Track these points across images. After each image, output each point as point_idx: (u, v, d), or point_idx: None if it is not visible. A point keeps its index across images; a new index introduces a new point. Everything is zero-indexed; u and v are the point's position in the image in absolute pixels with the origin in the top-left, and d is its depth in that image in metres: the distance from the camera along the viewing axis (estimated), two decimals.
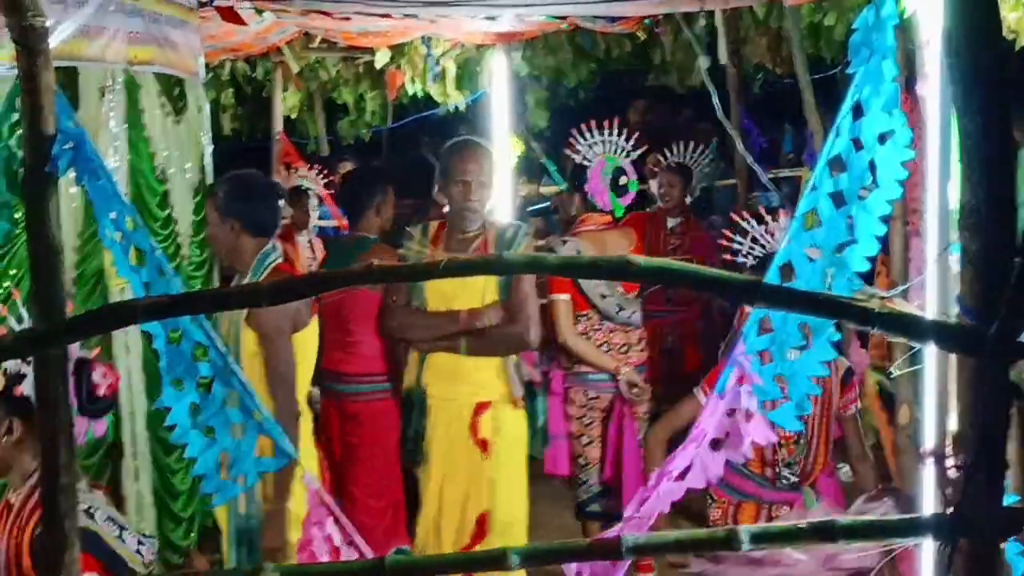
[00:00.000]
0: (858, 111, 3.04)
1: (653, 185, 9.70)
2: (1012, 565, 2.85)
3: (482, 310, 6.05)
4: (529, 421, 6.31)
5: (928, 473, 3.57)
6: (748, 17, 10.78)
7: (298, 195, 9.97)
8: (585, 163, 7.26)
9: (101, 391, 4.28)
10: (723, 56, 8.96)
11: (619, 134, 7.28)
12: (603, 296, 7.16)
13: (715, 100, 4.75)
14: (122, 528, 4.32)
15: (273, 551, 5.43)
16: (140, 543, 4.40)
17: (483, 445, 6.10)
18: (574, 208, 7.52)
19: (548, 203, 10.53)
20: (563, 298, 7.11)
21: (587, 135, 7.28)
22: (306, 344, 5.73)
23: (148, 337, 6.40)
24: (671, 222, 9.54)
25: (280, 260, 5.73)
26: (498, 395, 6.17)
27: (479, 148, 6.19)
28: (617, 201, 7.23)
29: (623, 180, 7.22)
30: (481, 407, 6.11)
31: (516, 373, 6.19)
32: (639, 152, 7.39)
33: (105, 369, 4.34)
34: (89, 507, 4.20)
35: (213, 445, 3.41)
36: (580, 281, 7.02)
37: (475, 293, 6.08)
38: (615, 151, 7.27)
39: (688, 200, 9.64)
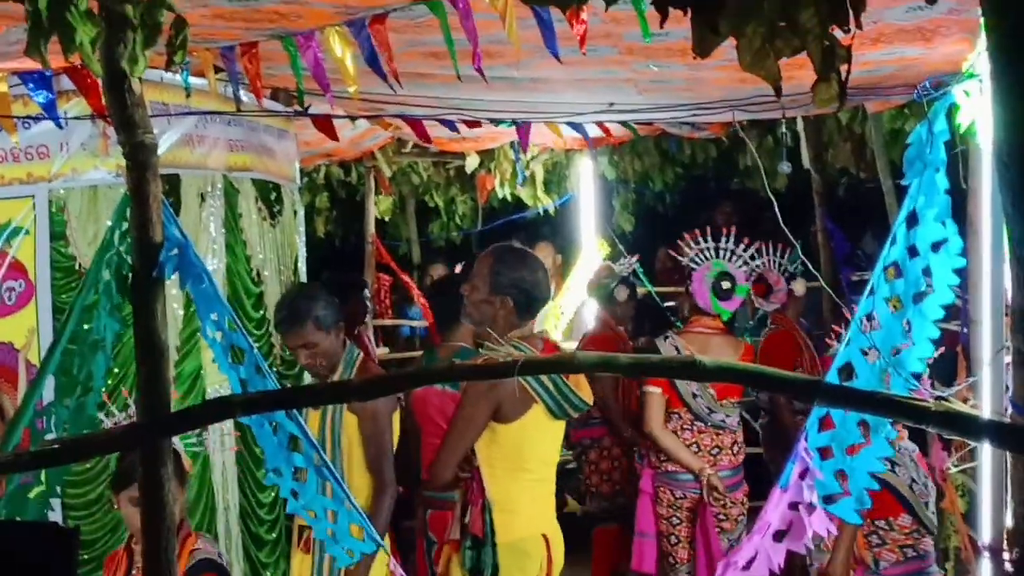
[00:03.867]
0: (913, 220, 3.21)
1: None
2: None
3: None
4: None
5: (986, 566, 3.68)
6: (832, 122, 10.97)
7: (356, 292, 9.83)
8: (692, 266, 7.37)
9: None
10: (806, 161, 9.10)
11: (733, 241, 7.38)
12: (694, 395, 7.24)
13: (775, 209, 4.82)
14: None
15: None
16: None
17: None
18: (687, 309, 7.67)
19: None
20: (655, 391, 7.22)
21: (699, 241, 7.39)
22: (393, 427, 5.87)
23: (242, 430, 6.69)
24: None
25: (361, 356, 5.90)
26: None
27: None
28: (720, 305, 7.31)
29: (725, 284, 7.29)
30: None
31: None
32: (756, 262, 7.50)
33: None
34: None
35: (319, 522, 3.64)
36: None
37: None
38: (724, 256, 7.36)
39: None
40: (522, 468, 5.24)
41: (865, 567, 5.54)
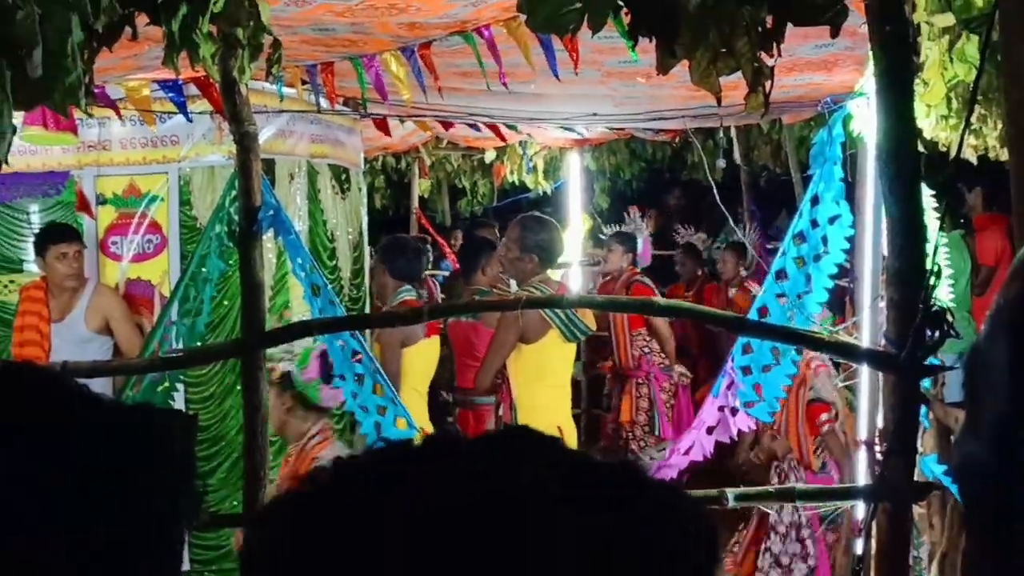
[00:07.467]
0: (815, 201, 3.20)
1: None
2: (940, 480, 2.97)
3: None
4: None
5: (862, 455, 3.69)
6: (756, 130, 10.93)
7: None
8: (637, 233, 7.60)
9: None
10: (738, 158, 9.06)
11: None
12: None
13: (715, 193, 4.86)
14: None
15: None
16: None
17: None
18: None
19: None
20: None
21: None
22: (418, 356, 5.85)
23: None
24: (731, 290, 9.33)
25: (410, 296, 5.92)
26: None
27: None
28: None
29: None
30: None
31: None
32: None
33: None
34: None
35: (369, 416, 3.64)
36: None
37: None
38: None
39: (743, 272, 9.42)
40: (541, 378, 5.27)
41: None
